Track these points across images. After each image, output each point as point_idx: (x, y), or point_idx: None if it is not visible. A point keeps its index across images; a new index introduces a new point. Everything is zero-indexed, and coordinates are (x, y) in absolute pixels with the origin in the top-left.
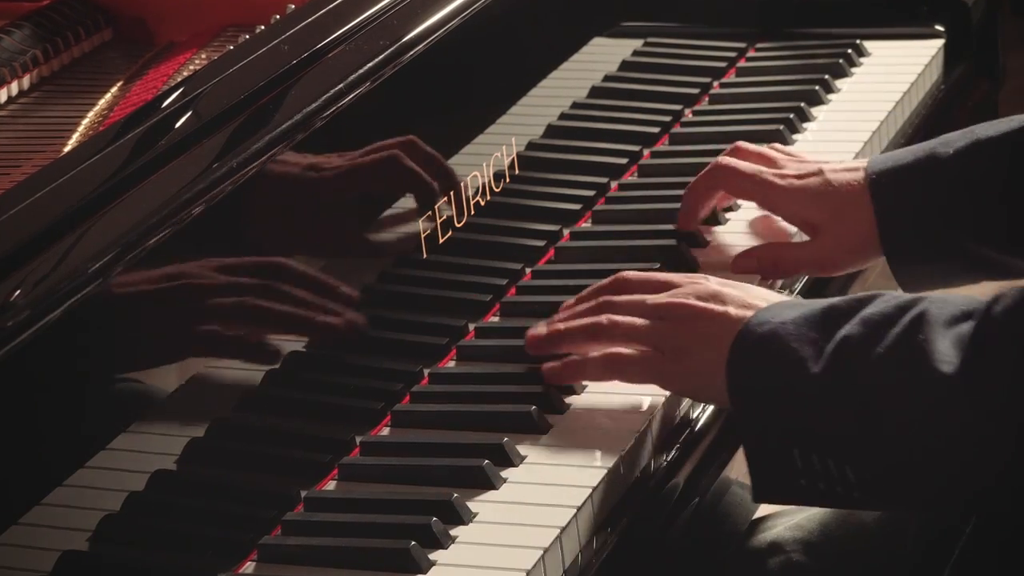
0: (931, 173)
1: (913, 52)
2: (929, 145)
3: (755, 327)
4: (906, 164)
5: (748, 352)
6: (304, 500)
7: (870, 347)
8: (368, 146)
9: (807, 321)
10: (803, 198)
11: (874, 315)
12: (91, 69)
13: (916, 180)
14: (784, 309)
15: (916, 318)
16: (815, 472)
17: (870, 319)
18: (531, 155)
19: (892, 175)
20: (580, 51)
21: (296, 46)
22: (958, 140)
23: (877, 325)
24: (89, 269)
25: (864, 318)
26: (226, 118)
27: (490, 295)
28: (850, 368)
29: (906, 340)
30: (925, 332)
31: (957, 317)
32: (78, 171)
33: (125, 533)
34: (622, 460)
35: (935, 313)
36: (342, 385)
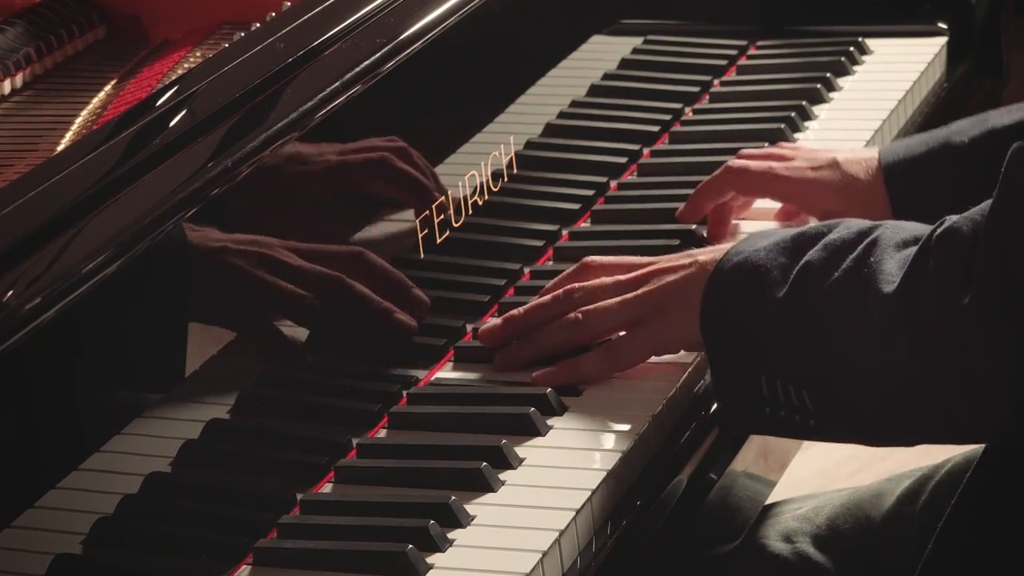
0: (945, 162)
1: (916, 50)
2: (942, 134)
3: (730, 258)
4: (920, 154)
5: (721, 283)
6: (300, 503)
7: (828, 271)
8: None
9: (776, 247)
10: (819, 189)
11: (835, 240)
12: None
13: (930, 170)
14: (758, 239)
15: (870, 243)
16: (778, 400)
17: (831, 244)
18: (529, 154)
19: (905, 165)
20: (579, 49)
21: (292, 44)
22: (972, 129)
23: (836, 250)
24: (83, 269)
25: (826, 243)
26: (221, 117)
27: (488, 296)
28: (808, 292)
29: (858, 263)
30: (876, 255)
31: (907, 241)
32: (71, 170)
33: (119, 536)
34: (622, 462)
35: (887, 237)
36: (339, 387)
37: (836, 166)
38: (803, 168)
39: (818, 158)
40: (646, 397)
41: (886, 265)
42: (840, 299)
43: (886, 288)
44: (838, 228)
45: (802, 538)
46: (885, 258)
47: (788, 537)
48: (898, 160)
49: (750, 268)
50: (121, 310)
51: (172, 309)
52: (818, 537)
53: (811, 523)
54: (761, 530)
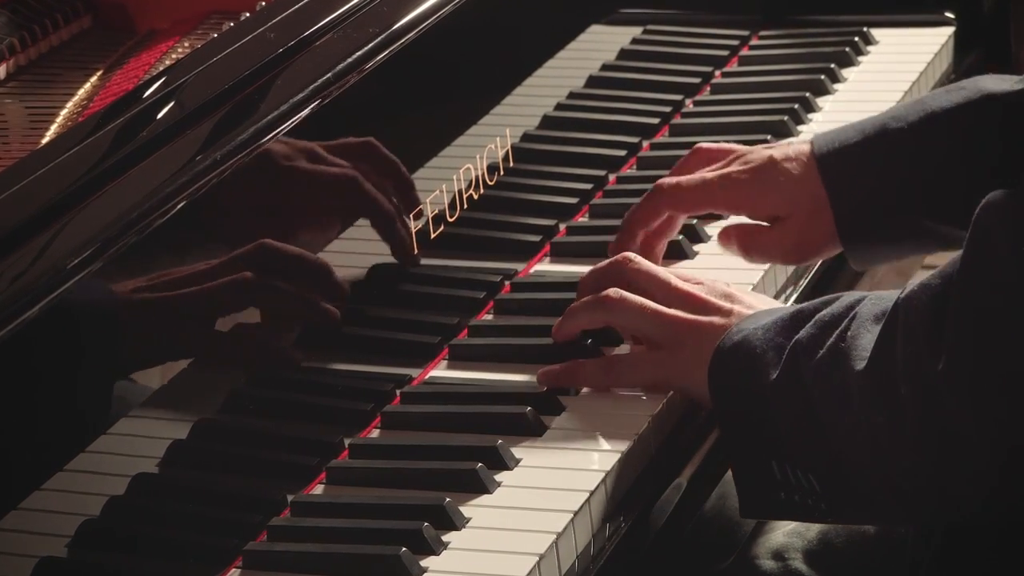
0: (883, 149)
1: (922, 40)
2: (879, 120)
3: (732, 335)
4: (855, 142)
5: (722, 360)
6: (291, 505)
7: (814, 349)
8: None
9: (775, 326)
10: (758, 192)
11: (825, 316)
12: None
13: (867, 157)
14: (762, 316)
15: (853, 317)
16: (791, 485)
17: (822, 320)
18: (526, 147)
19: (840, 154)
20: (577, 39)
21: (282, 34)
22: (910, 114)
23: (825, 326)
24: (68, 265)
25: (818, 320)
26: (210, 108)
27: (484, 292)
28: (797, 372)
29: (840, 340)
30: (853, 329)
31: (886, 311)
32: (56, 163)
33: (105, 539)
34: (621, 463)
35: (866, 310)
36: (330, 386)
37: (772, 165)
38: (738, 173)
39: (752, 159)
40: (645, 397)
41: (861, 340)
42: (823, 379)
43: (858, 365)
44: (835, 303)
45: (793, 554)
46: (861, 332)
47: (779, 554)
48: (832, 150)
49: (747, 349)
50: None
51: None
52: (810, 552)
53: (802, 538)
54: (752, 548)
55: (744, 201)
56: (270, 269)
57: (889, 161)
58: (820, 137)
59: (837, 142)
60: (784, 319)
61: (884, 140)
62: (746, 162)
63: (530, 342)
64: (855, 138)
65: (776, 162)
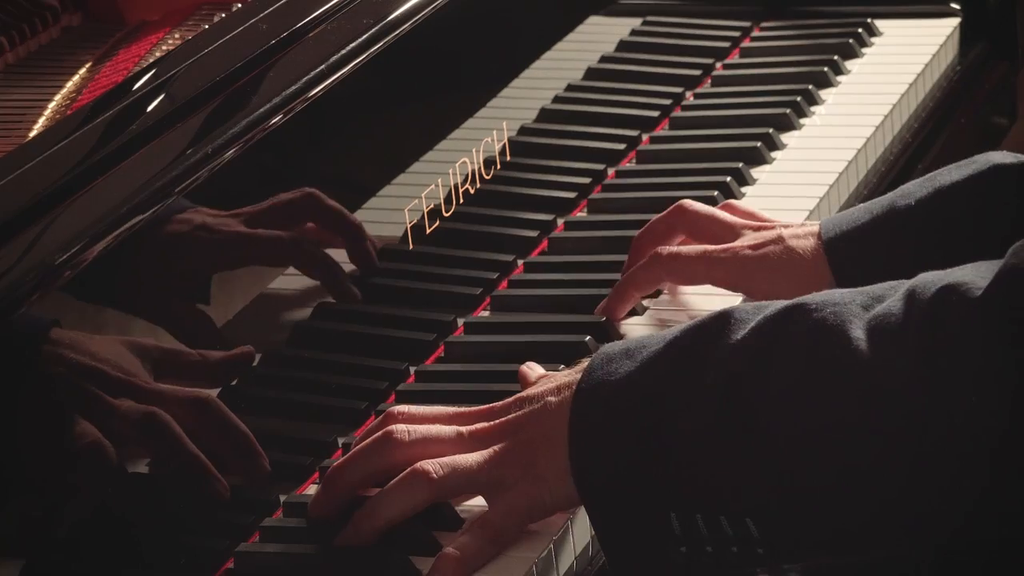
0: (891, 228)
1: (927, 32)
2: (887, 199)
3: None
4: (863, 223)
5: (589, 423)
6: (283, 505)
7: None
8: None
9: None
10: (761, 270)
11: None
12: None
13: (875, 238)
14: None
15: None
16: (699, 536)
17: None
18: (523, 140)
19: (848, 237)
20: (575, 30)
21: (275, 25)
22: (918, 190)
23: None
24: (56, 261)
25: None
26: (201, 101)
27: (480, 288)
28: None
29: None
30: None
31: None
32: (44, 157)
33: (95, 540)
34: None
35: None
36: (324, 384)
37: (780, 242)
38: (743, 248)
39: (763, 235)
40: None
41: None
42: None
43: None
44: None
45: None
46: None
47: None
48: (840, 233)
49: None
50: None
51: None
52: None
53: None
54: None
55: (746, 281)
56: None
57: (897, 239)
58: (828, 220)
59: (845, 224)
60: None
61: (892, 218)
62: (754, 238)
63: (527, 339)
64: (863, 219)
65: (784, 242)
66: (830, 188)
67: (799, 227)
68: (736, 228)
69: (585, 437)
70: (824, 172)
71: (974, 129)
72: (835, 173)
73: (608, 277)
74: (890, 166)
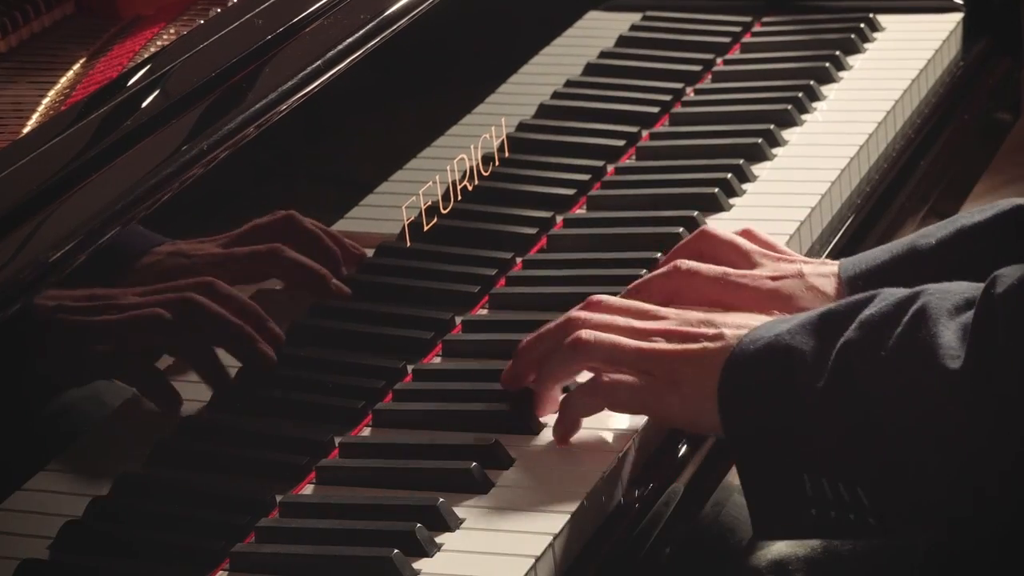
0: (911, 267)
1: (930, 27)
2: (908, 239)
3: (748, 344)
4: (883, 262)
5: (742, 371)
6: (280, 505)
7: (872, 351)
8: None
9: (804, 329)
10: (777, 303)
11: (874, 316)
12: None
13: (894, 277)
14: (778, 323)
15: (917, 314)
16: (826, 500)
17: (870, 321)
18: (522, 136)
19: (867, 277)
20: (574, 25)
21: (271, 20)
22: (939, 231)
23: (878, 326)
24: (50, 259)
25: (863, 321)
26: (196, 97)
27: (478, 286)
28: (853, 377)
29: (909, 339)
30: (928, 327)
31: (960, 306)
32: (38, 154)
33: (88, 541)
34: (620, 462)
35: (936, 305)
36: (320, 382)
37: (800, 277)
38: (762, 278)
39: (783, 268)
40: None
41: (943, 338)
42: (892, 382)
43: (950, 364)
44: (873, 302)
45: (796, 563)
46: (940, 331)
47: (781, 565)
48: (859, 272)
49: (774, 355)
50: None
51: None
52: (813, 561)
53: (805, 546)
54: (751, 560)
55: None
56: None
57: (918, 279)
58: (847, 260)
59: (865, 263)
60: (812, 321)
61: (912, 258)
62: (775, 269)
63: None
64: (883, 258)
65: (805, 277)
66: (832, 185)
67: (819, 264)
68: (753, 257)
69: (737, 383)
70: (826, 169)
71: (977, 125)
72: (837, 170)
73: (608, 274)
74: (892, 163)
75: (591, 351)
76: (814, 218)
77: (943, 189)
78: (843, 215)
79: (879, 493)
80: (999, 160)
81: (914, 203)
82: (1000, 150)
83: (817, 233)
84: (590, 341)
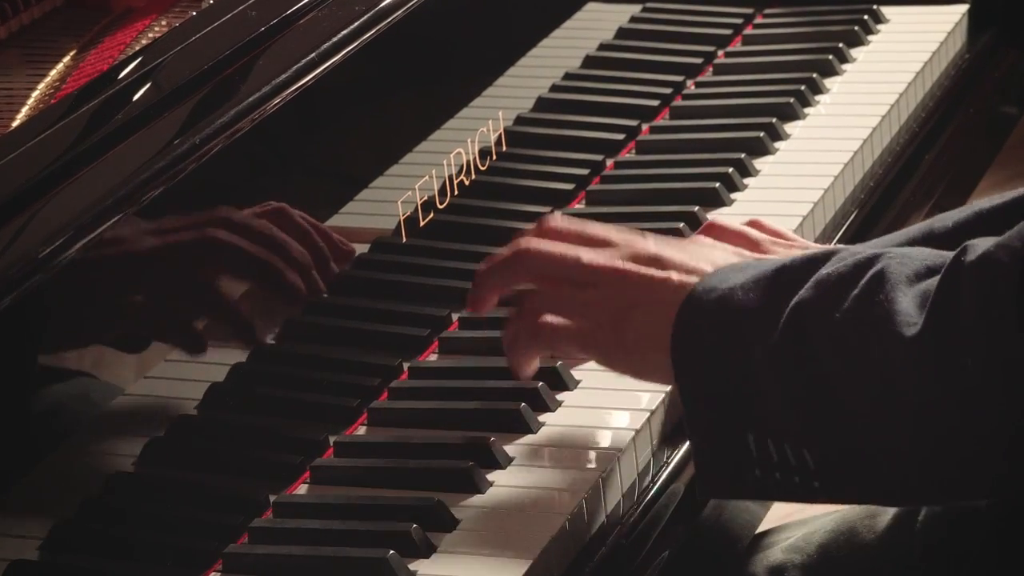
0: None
1: (935, 19)
2: (925, 224)
3: (701, 294)
4: (899, 245)
5: (694, 324)
6: (273, 505)
7: (826, 312)
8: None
9: (758, 285)
10: None
11: (830, 276)
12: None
13: None
14: (733, 273)
15: (875, 277)
16: (770, 460)
17: (825, 280)
18: (520, 130)
19: None
20: (573, 17)
21: (264, 12)
22: (957, 214)
23: (833, 287)
24: (39, 254)
25: (819, 280)
26: (189, 90)
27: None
28: (804, 338)
29: (864, 302)
30: (885, 291)
31: (920, 273)
32: (27, 148)
33: (79, 542)
34: (620, 461)
35: (895, 270)
36: (315, 380)
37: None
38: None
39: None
40: (647, 390)
41: (900, 304)
42: (845, 346)
43: (907, 331)
44: (831, 261)
45: (793, 571)
46: (898, 296)
47: (778, 571)
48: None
49: (727, 311)
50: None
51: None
52: (809, 568)
53: (802, 553)
54: (750, 567)
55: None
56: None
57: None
58: (868, 243)
59: (881, 246)
60: (765, 276)
61: (929, 241)
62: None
63: None
64: (899, 240)
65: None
66: (834, 179)
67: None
68: (764, 246)
69: (687, 337)
70: (829, 163)
71: (983, 119)
72: (840, 164)
73: None
74: (897, 157)
75: (529, 263)
76: (817, 213)
77: (948, 184)
78: (846, 210)
79: (824, 455)
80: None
81: (918, 198)
82: (1006, 144)
83: (820, 229)
84: (530, 251)
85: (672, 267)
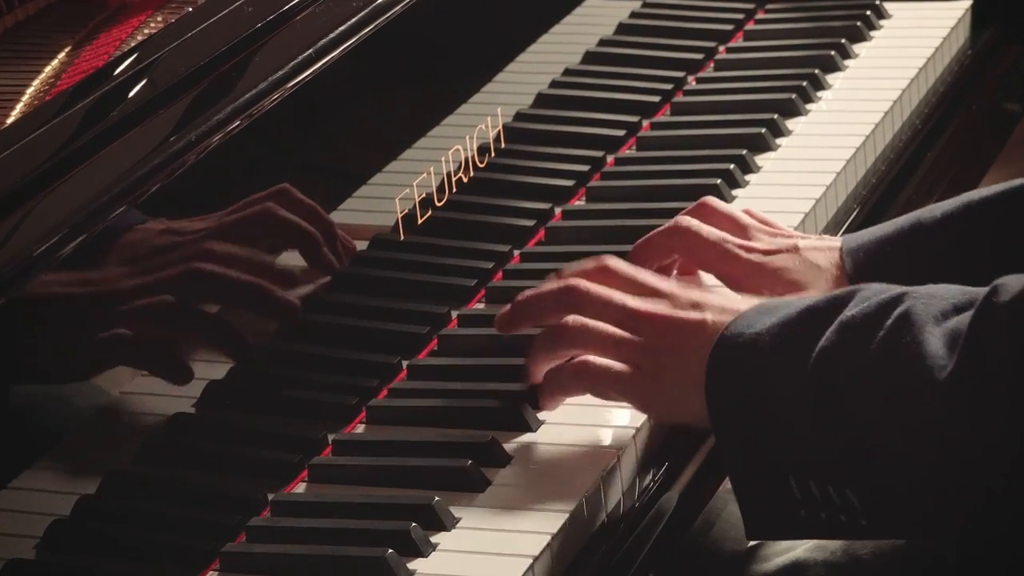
0: (916, 240)
1: (937, 14)
2: (914, 214)
3: (730, 339)
4: (887, 235)
5: (724, 370)
6: (271, 504)
7: (853, 357)
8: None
9: (784, 329)
10: (770, 277)
11: (855, 318)
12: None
13: (899, 251)
14: (760, 316)
15: (901, 317)
16: (814, 501)
17: (850, 323)
18: (519, 126)
19: (871, 249)
20: (573, 12)
21: (261, 7)
22: (946, 205)
23: (858, 329)
24: (35, 252)
25: (844, 323)
26: (184, 87)
27: (475, 280)
28: (833, 383)
29: (891, 345)
30: (912, 333)
31: (947, 312)
32: (21, 145)
33: (75, 540)
34: (621, 460)
35: (921, 310)
36: (313, 379)
37: (795, 251)
38: (758, 251)
39: (779, 242)
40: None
41: (930, 345)
42: (875, 390)
43: (939, 374)
44: (854, 301)
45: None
46: (925, 337)
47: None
48: (862, 244)
49: (755, 356)
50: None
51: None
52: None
53: (824, 550)
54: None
55: (752, 279)
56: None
57: (921, 252)
58: (852, 235)
59: (868, 237)
60: (791, 319)
61: (917, 231)
62: (771, 243)
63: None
64: (887, 231)
65: (799, 250)
66: (836, 176)
67: (818, 239)
68: (750, 231)
69: (720, 383)
70: (830, 160)
71: (985, 116)
72: (842, 160)
73: None
74: (899, 153)
75: (574, 339)
76: (819, 209)
77: (950, 182)
78: (848, 207)
79: (867, 497)
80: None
81: (920, 195)
82: (1009, 141)
83: (822, 225)
84: (575, 328)
85: (708, 309)
